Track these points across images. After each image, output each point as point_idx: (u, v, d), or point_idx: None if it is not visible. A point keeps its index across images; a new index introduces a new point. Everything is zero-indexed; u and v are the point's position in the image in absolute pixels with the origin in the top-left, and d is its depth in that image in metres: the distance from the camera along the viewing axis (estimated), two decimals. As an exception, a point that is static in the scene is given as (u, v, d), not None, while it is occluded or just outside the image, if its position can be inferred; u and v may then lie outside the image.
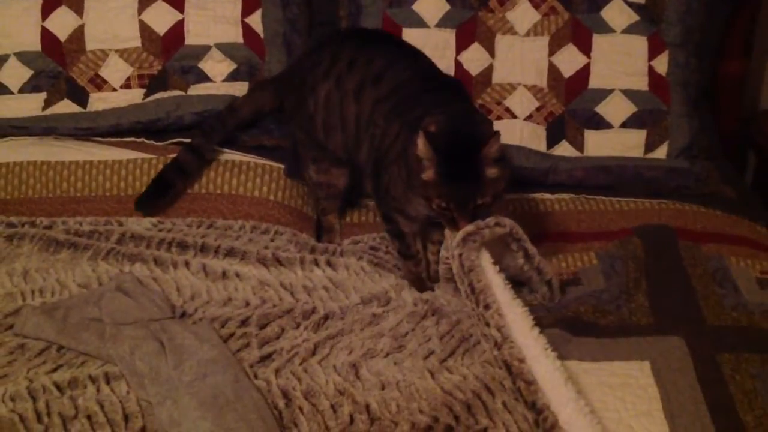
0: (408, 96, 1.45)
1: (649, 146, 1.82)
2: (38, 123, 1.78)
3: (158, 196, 1.63)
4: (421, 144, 1.29)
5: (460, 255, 1.30)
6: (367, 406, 1.15)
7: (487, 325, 1.24)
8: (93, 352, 1.23)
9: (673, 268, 1.52)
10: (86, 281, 1.43)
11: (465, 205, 1.31)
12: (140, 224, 1.60)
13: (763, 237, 1.69)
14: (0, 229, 1.57)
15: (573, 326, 1.36)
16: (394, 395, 1.18)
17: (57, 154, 1.71)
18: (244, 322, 1.32)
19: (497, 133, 1.30)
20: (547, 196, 1.78)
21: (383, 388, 1.19)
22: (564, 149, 1.83)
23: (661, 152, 1.82)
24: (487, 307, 1.25)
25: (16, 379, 1.18)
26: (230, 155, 1.73)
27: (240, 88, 1.80)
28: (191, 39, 1.81)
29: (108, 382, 1.18)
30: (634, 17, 1.83)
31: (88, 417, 1.12)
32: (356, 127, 1.51)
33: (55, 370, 1.21)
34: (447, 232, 1.38)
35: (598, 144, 1.83)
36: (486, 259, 1.32)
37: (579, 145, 1.83)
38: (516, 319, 1.24)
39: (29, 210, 1.64)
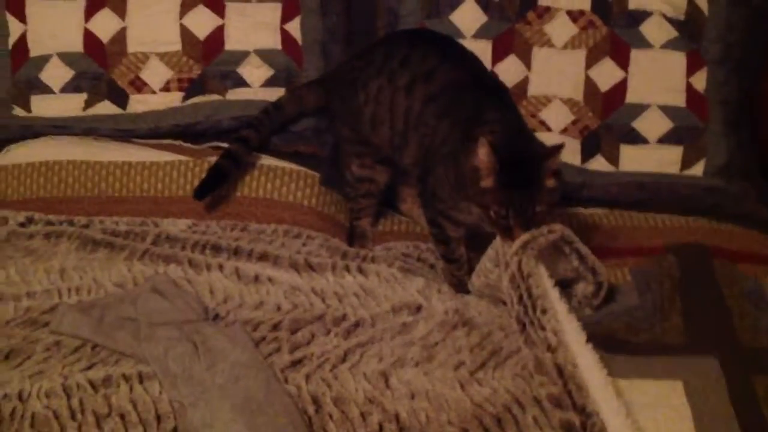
0: (458, 96, 1.48)
1: (686, 163, 1.81)
2: (78, 123, 1.80)
3: (215, 185, 1.64)
4: (482, 153, 1.32)
5: (519, 261, 1.31)
6: (397, 416, 1.15)
7: (543, 328, 1.23)
8: (127, 351, 1.24)
9: (707, 288, 1.51)
10: (122, 281, 1.44)
11: (523, 212, 1.33)
12: (176, 226, 1.62)
13: (799, 259, 1.67)
14: (39, 227, 1.59)
15: (606, 343, 1.34)
16: (424, 405, 1.18)
17: (96, 154, 1.73)
18: (276, 327, 1.33)
19: (561, 146, 1.35)
20: (581, 210, 1.77)
21: (413, 398, 1.19)
22: (599, 164, 1.82)
23: (697, 170, 1.81)
24: (544, 311, 1.26)
25: (51, 376, 1.19)
26: (266, 160, 1.74)
27: (277, 94, 1.81)
28: (231, 44, 1.83)
29: (141, 382, 1.18)
30: (673, 33, 1.82)
31: (122, 416, 1.13)
32: (405, 123, 1.52)
33: (89, 368, 1.22)
34: (496, 243, 1.38)
35: (634, 159, 1.82)
36: (543, 271, 1.33)
37: (614, 160, 1.82)
38: (571, 330, 1.25)
39: (68, 209, 1.66)
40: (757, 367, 1.30)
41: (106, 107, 1.82)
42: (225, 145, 1.72)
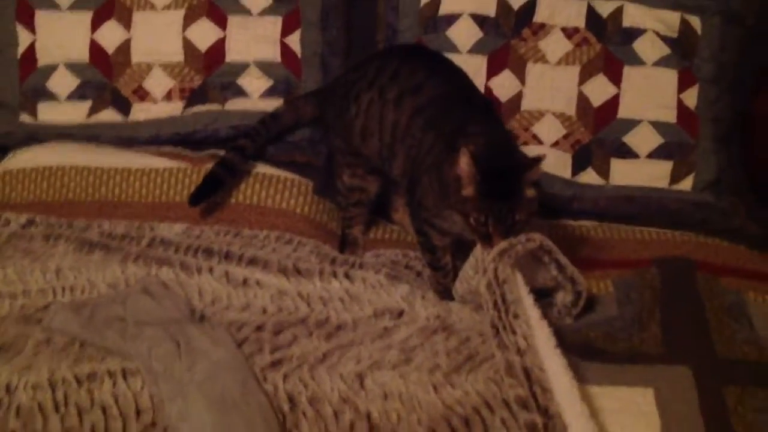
0: (444, 109, 1.52)
1: (675, 178, 1.83)
2: (82, 131, 1.87)
3: (210, 192, 1.70)
4: (463, 162, 1.36)
5: (496, 268, 1.35)
6: (368, 415, 1.19)
7: (514, 332, 1.27)
8: (114, 348, 1.29)
9: (688, 300, 1.53)
10: (115, 282, 1.49)
11: (502, 220, 1.37)
12: (171, 230, 1.67)
13: (786, 274, 1.68)
14: (40, 229, 1.65)
15: (582, 351, 1.37)
16: (396, 406, 1.21)
17: (98, 160, 1.79)
18: (259, 328, 1.36)
19: (542, 158, 1.40)
20: (570, 222, 1.80)
21: (386, 399, 1.22)
22: (589, 177, 1.85)
23: (686, 185, 1.83)
24: (516, 316, 1.30)
25: (39, 371, 1.24)
26: (261, 168, 1.79)
27: (275, 105, 1.86)
28: (231, 56, 1.89)
29: (125, 378, 1.23)
30: (666, 50, 1.85)
31: (103, 409, 1.17)
32: (392, 135, 1.57)
33: (76, 363, 1.26)
34: (476, 251, 1.42)
35: (624, 173, 1.84)
36: (519, 278, 1.37)
37: (604, 174, 1.85)
38: (541, 336, 1.28)
39: (68, 212, 1.72)
40: (729, 378, 1.32)
41: (109, 115, 1.89)
42: (222, 152, 1.77)
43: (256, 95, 1.89)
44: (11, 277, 1.49)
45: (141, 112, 1.89)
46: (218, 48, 1.88)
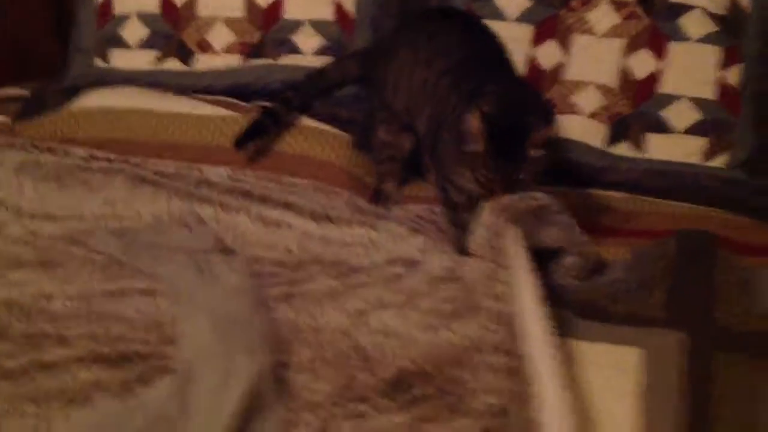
0: (469, 70, 1.58)
1: (709, 155, 1.84)
2: (147, 77, 2.02)
3: (253, 137, 1.82)
4: (473, 119, 1.43)
5: (493, 221, 1.42)
6: (364, 348, 1.28)
7: (500, 282, 1.35)
8: (146, 269, 1.43)
9: (701, 273, 1.54)
10: (159, 214, 1.63)
11: (507, 177, 1.44)
12: (216, 172, 1.79)
13: (815, 256, 1.68)
14: (98, 163, 1.80)
15: (580, 309, 1.43)
16: (392, 343, 1.30)
17: (157, 104, 1.93)
18: (280, 264, 1.48)
19: (551, 122, 1.44)
20: (598, 192, 1.84)
21: (384, 335, 1.31)
22: (623, 149, 1.87)
23: (720, 162, 1.84)
24: (504, 267, 1.37)
25: (77, 284, 1.39)
26: (305, 121, 1.90)
27: (326, 63, 1.96)
28: (288, 14, 2.00)
29: (151, 296, 1.37)
30: (713, 27, 1.85)
31: (128, 320, 1.31)
32: (420, 93, 1.64)
33: (110, 280, 1.41)
34: (482, 204, 1.49)
35: (659, 147, 1.86)
36: (514, 231, 1.43)
37: (639, 147, 1.87)
38: (527, 286, 1.35)
39: (126, 149, 1.85)
40: (722, 345, 1.34)
41: (173, 64, 2.03)
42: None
43: (309, 53, 1.99)
44: (68, 203, 1.65)
45: (202, 63, 2.02)
46: (276, 5, 1.99)
